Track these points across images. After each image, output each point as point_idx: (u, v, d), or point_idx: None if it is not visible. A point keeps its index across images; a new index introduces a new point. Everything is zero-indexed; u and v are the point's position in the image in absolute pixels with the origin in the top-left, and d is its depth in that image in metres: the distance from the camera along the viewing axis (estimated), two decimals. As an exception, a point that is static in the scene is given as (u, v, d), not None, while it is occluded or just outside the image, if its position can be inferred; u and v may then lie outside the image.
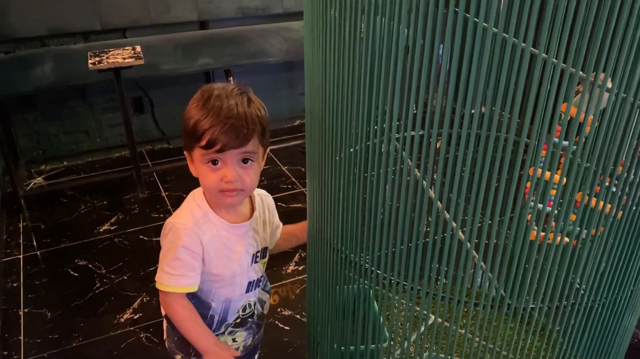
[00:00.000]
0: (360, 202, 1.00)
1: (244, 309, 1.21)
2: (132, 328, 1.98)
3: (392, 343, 1.15)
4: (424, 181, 0.95)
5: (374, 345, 1.18)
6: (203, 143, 0.98)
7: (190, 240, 1.09)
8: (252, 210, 1.17)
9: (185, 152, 1.08)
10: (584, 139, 0.87)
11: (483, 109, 0.86)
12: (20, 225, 2.59)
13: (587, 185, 0.87)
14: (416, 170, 0.93)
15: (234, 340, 1.24)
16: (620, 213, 0.90)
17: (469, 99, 0.80)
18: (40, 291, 2.17)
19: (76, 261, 2.33)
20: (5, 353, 1.88)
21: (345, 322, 1.18)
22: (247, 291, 1.19)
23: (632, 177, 0.86)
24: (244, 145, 1.00)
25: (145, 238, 2.48)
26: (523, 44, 0.74)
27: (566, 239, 0.95)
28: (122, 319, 2.02)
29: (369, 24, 0.85)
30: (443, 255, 0.93)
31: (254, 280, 1.19)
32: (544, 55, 0.78)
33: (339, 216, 1.06)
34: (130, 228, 2.55)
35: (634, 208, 0.89)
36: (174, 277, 1.10)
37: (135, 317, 2.03)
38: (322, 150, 1.06)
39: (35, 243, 2.46)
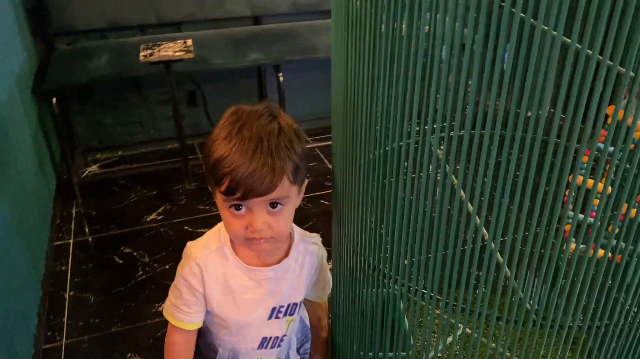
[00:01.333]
0: (382, 207, 0.96)
1: None
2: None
3: (418, 351, 1.10)
4: (462, 191, 0.90)
5: (403, 353, 1.13)
6: (223, 188, 0.86)
7: (190, 272, 0.98)
8: (285, 255, 1.01)
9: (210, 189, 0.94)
10: (631, 145, 0.79)
11: (529, 113, 0.80)
12: (73, 211, 2.68)
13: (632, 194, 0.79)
14: (453, 176, 0.88)
15: None
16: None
17: (525, 101, 0.74)
18: (86, 276, 2.24)
19: (122, 248, 2.39)
20: (49, 333, 1.94)
21: (370, 328, 1.14)
22: (260, 347, 1.06)
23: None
24: (270, 193, 0.85)
25: (189, 229, 2.52)
26: (577, 45, 0.68)
27: (610, 255, 0.87)
28: (161, 308, 2.05)
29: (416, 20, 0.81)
30: (473, 264, 0.88)
31: (271, 337, 1.05)
32: (588, 51, 0.71)
33: (364, 224, 1.02)
34: (176, 218, 2.59)
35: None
36: (172, 307, 1.02)
37: (174, 307, 2.05)
38: (355, 150, 1.02)
39: (86, 229, 2.54)
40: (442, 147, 0.82)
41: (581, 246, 0.85)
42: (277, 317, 1.03)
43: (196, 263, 0.98)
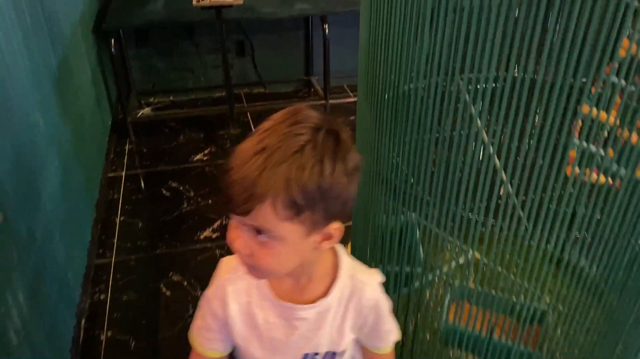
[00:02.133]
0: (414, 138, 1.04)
1: None
2: (209, 245, 2.17)
3: (426, 269, 1.20)
4: (478, 119, 0.98)
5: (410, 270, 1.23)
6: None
7: (213, 294, 0.84)
8: (326, 292, 0.82)
9: None
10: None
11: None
12: (126, 148, 2.86)
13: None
14: (472, 107, 0.96)
15: None
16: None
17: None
18: (135, 205, 2.42)
19: (169, 182, 2.56)
20: (100, 251, 2.14)
21: (389, 249, 1.24)
22: None
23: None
24: (244, 215, 0.67)
25: (232, 170, 2.66)
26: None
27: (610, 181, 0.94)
28: (202, 237, 2.21)
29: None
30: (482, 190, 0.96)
31: None
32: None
33: (393, 149, 1.11)
34: (220, 159, 2.74)
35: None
36: (195, 328, 0.88)
37: (214, 236, 2.22)
38: (379, 86, 1.11)
39: (136, 163, 2.72)
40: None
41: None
42: None
43: (222, 287, 0.83)
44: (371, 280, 0.85)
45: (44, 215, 1.53)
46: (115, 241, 2.20)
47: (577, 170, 0.95)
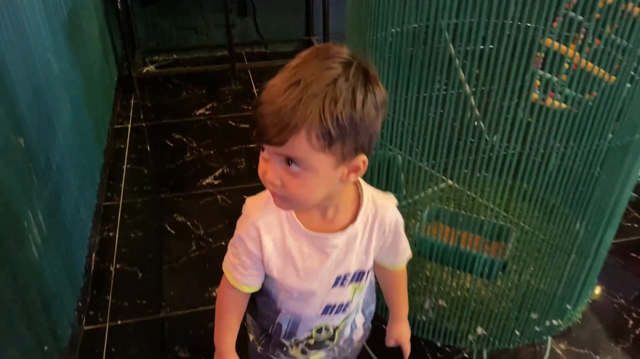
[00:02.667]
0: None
1: (318, 331, 1.00)
2: (211, 190, 2.30)
3: (407, 194, 1.33)
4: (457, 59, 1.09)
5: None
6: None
7: (247, 234, 0.88)
8: (353, 219, 0.88)
9: None
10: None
11: None
12: (132, 102, 2.98)
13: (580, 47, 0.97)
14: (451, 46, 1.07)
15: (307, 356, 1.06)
16: (612, 77, 0.99)
17: None
18: (141, 154, 2.55)
19: (173, 134, 2.68)
20: (109, 194, 2.27)
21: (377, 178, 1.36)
22: (324, 314, 0.96)
23: (621, 41, 0.94)
24: (278, 146, 0.71)
25: (233, 123, 2.78)
26: None
27: (563, 105, 1.06)
28: (204, 183, 2.35)
29: None
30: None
31: (336, 305, 0.96)
32: None
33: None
34: (222, 114, 2.86)
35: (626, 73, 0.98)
36: (229, 264, 0.93)
37: (215, 183, 2.35)
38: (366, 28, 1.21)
39: (142, 117, 2.85)
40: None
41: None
42: (342, 284, 0.93)
43: (254, 225, 0.87)
44: (390, 203, 0.92)
45: (59, 149, 1.66)
46: (123, 185, 2.33)
47: (535, 95, 1.07)
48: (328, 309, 0.96)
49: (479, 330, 1.24)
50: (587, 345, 1.66)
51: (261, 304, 1.00)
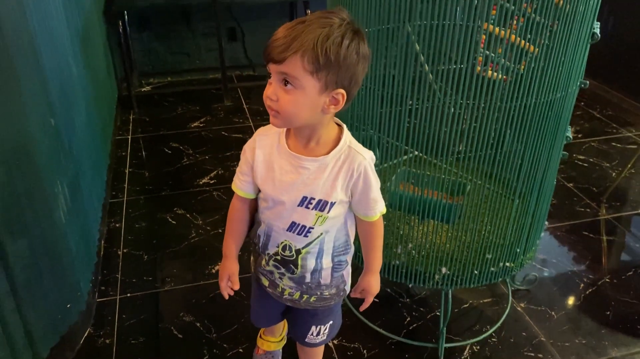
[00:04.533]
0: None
1: (283, 249, 1.16)
2: (207, 188, 2.53)
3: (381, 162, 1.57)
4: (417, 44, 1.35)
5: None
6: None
7: (248, 145, 1.12)
8: (327, 153, 1.06)
9: None
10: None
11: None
12: (131, 117, 3.23)
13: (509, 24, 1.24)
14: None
15: (280, 277, 1.22)
16: (537, 49, 1.27)
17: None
18: (141, 159, 2.78)
19: (170, 143, 2.92)
20: (114, 193, 2.49)
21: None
22: (289, 230, 1.13)
23: (539, 18, 1.22)
24: (279, 62, 0.93)
25: (226, 134, 3.03)
26: None
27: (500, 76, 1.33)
28: (201, 183, 2.57)
29: None
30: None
31: (300, 224, 1.12)
32: None
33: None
34: (215, 126, 3.11)
35: (546, 44, 1.25)
36: (235, 175, 1.16)
37: (211, 182, 2.58)
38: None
39: (140, 129, 3.09)
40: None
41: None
42: (307, 207, 1.09)
43: (254, 138, 1.11)
44: (364, 153, 1.08)
45: (77, 138, 1.89)
46: (126, 185, 2.55)
47: (478, 69, 1.33)
48: (293, 227, 1.11)
49: (443, 270, 1.46)
50: (544, 303, 1.89)
51: (255, 218, 1.21)
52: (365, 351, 1.70)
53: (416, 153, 1.54)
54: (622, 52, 3.28)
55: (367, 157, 1.07)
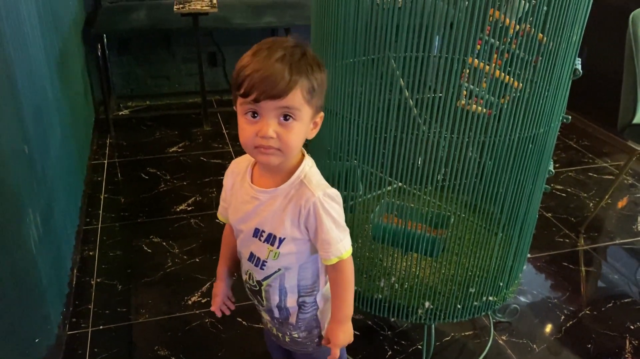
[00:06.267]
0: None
1: (249, 277, 1.14)
2: (185, 216, 2.48)
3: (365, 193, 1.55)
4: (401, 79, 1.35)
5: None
6: (241, 90, 0.90)
7: (227, 170, 1.13)
8: (280, 184, 1.02)
9: (235, 108, 0.99)
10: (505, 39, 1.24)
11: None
12: (107, 141, 3.17)
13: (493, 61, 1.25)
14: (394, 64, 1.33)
15: (259, 307, 1.20)
16: (520, 85, 1.27)
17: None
18: (117, 185, 2.72)
19: (147, 168, 2.87)
20: (88, 219, 2.42)
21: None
22: (249, 260, 1.11)
23: (523, 54, 1.23)
24: (282, 97, 0.89)
25: (204, 159, 2.99)
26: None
27: (485, 110, 1.33)
28: (178, 209, 2.52)
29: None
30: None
31: (256, 256, 1.09)
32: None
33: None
34: (194, 151, 3.07)
35: (531, 81, 1.26)
36: None
37: (189, 209, 2.53)
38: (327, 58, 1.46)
39: (117, 154, 3.03)
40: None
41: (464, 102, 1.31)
42: (260, 239, 1.06)
43: (232, 164, 1.13)
44: (316, 189, 1.00)
45: (52, 164, 1.84)
46: (101, 212, 2.49)
47: (463, 102, 1.33)
48: (251, 258, 1.10)
49: (427, 304, 1.44)
50: (526, 336, 1.87)
51: None
52: (345, 387, 1.66)
53: (399, 184, 1.52)
54: (597, 83, 3.35)
55: (317, 194, 1.00)
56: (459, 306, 1.46)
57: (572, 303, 2.04)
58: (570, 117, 1.40)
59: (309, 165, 1.04)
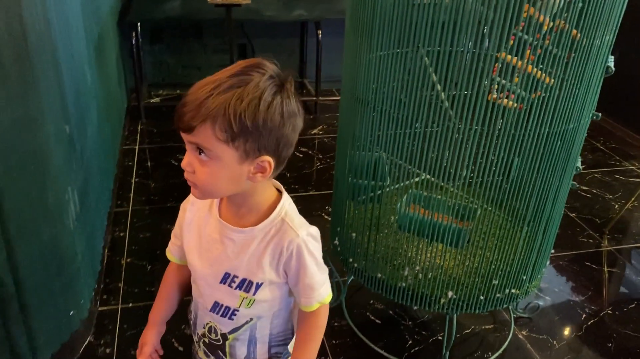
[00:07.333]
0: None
1: (209, 330, 1.02)
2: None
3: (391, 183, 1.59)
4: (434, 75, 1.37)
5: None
6: None
7: (184, 203, 1.00)
8: (257, 224, 0.91)
9: None
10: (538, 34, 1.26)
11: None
12: (139, 127, 3.25)
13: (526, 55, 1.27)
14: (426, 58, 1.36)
15: None
16: (552, 80, 1.29)
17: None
18: (147, 170, 2.79)
19: (177, 155, 2.93)
20: (119, 202, 2.50)
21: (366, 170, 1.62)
22: (212, 311, 0.98)
23: (556, 50, 1.24)
24: (188, 132, 0.79)
25: (232, 148, 3.05)
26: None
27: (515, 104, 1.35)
28: (206, 196, 2.58)
29: None
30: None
31: (223, 305, 0.97)
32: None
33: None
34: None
35: (562, 76, 1.27)
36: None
37: (216, 196, 2.58)
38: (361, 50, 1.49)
39: (147, 140, 3.10)
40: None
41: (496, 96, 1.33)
42: (230, 285, 0.95)
43: (188, 198, 0.99)
44: (300, 229, 0.90)
45: (88, 145, 1.90)
46: (132, 195, 2.56)
47: (494, 95, 1.35)
48: (216, 308, 0.97)
49: (450, 294, 1.47)
50: (546, 332, 1.89)
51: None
52: (366, 372, 1.69)
53: (427, 177, 1.55)
54: (626, 86, 3.32)
55: (301, 235, 0.90)
56: (481, 298, 1.48)
57: (593, 302, 2.05)
58: (600, 114, 1.41)
59: (287, 202, 0.94)
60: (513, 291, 1.51)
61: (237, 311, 0.96)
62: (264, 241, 0.91)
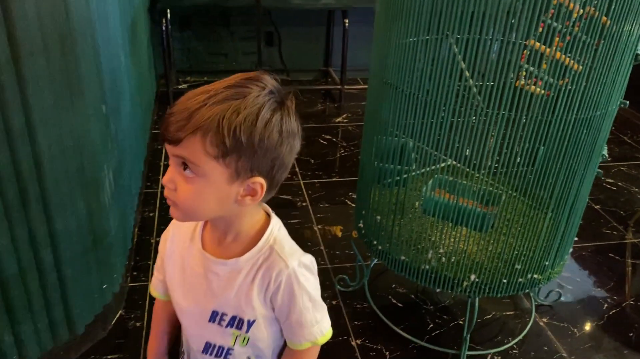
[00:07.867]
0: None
1: None
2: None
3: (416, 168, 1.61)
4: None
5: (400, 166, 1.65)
6: None
7: (163, 236, 0.91)
8: (243, 253, 0.82)
9: None
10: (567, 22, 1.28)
11: None
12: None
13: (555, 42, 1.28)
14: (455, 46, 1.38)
15: None
16: (580, 67, 1.30)
17: None
18: (176, 154, 2.86)
19: (204, 140, 2.99)
20: (148, 184, 2.56)
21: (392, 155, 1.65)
22: (205, 352, 0.89)
23: (585, 37, 1.25)
24: (175, 144, 0.71)
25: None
26: None
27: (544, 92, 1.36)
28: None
29: None
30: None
31: (216, 345, 0.88)
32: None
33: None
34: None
35: (589, 64, 1.29)
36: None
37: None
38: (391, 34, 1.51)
39: (176, 125, 3.17)
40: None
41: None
42: (219, 324, 0.85)
43: (172, 225, 0.89)
44: (290, 258, 0.81)
45: (122, 126, 1.96)
46: (160, 177, 2.63)
47: (522, 82, 1.37)
48: (209, 348, 0.88)
49: (473, 277, 1.49)
50: (567, 320, 1.90)
51: None
52: (387, 353, 1.73)
53: (453, 162, 1.57)
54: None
55: (291, 265, 0.81)
56: (504, 281, 1.51)
57: (616, 292, 2.05)
58: (628, 102, 1.42)
59: (277, 227, 0.84)
60: (535, 276, 1.53)
61: (232, 349, 0.87)
62: (251, 273, 0.82)
